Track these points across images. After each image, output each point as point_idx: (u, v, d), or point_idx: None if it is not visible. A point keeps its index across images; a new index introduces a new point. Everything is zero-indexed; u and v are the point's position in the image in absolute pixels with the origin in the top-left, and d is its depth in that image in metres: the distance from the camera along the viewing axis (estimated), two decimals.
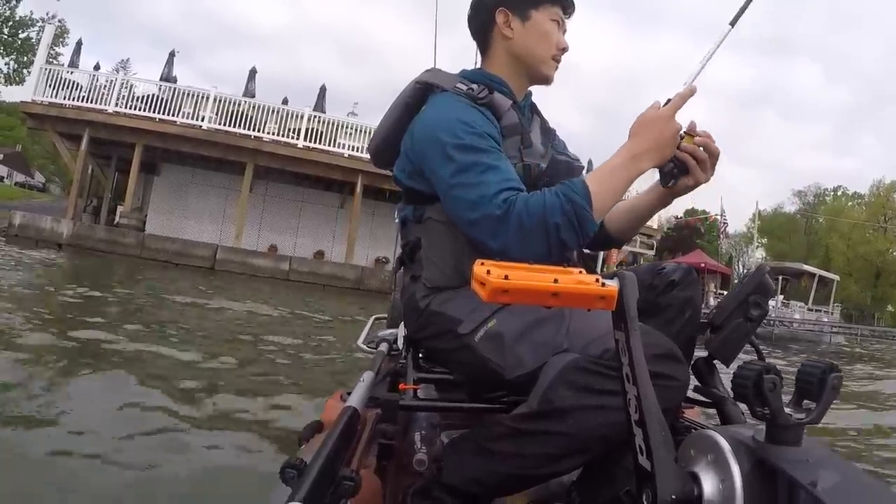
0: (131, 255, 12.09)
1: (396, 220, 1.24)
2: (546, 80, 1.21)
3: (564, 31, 1.20)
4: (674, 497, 0.61)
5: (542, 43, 1.16)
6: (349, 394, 0.98)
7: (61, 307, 5.06)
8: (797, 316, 18.34)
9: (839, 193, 45.11)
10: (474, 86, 1.11)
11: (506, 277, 0.56)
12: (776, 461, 0.56)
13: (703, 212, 34.70)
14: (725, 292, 21.43)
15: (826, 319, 19.83)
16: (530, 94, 1.25)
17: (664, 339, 0.86)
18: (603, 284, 0.60)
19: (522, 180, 1.05)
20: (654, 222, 18.00)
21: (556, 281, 0.58)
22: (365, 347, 1.60)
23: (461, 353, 1.04)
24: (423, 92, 1.16)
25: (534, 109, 1.27)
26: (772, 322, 15.15)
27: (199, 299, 6.91)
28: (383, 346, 1.45)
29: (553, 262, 0.91)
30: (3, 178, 42.68)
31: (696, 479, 0.62)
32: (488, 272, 0.57)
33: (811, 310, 20.13)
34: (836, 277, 22.62)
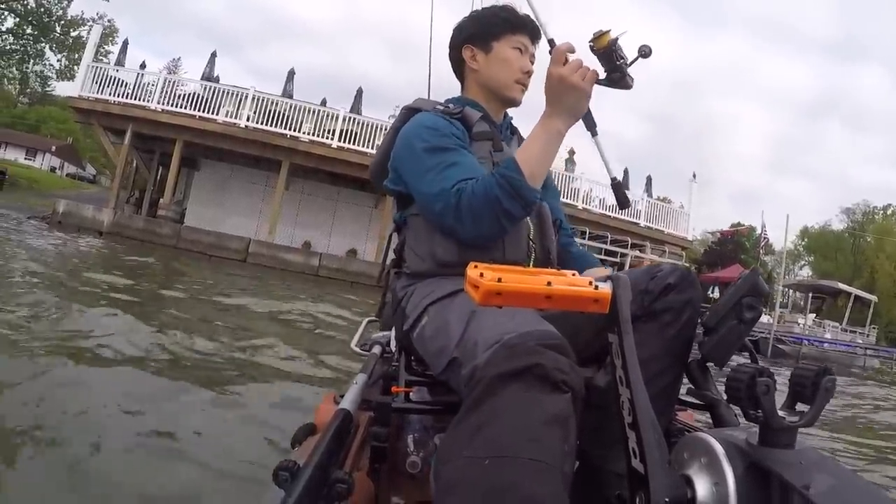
0: (167, 246, 12.45)
1: None
2: (513, 103, 1.34)
3: (531, 55, 1.32)
4: (667, 500, 0.60)
5: (504, 70, 1.29)
6: (342, 396, 0.99)
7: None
8: (828, 335, 17.54)
9: (889, 212, 43.33)
10: (450, 105, 1.27)
11: (499, 280, 0.56)
12: (770, 464, 0.55)
13: (748, 225, 33.74)
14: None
15: (860, 341, 18.88)
16: (510, 116, 1.39)
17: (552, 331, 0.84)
18: (596, 287, 0.60)
19: None
20: (689, 234, 17.58)
21: (549, 284, 0.58)
22: (358, 350, 1.58)
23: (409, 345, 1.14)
24: (410, 116, 1.28)
25: (514, 130, 1.41)
26: (800, 339, 14.54)
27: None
28: (376, 349, 1.44)
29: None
30: (55, 168, 44.55)
31: (689, 482, 0.62)
32: (481, 275, 0.57)
33: (845, 330, 19.32)
34: (874, 298, 21.59)
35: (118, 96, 13.64)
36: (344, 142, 13.53)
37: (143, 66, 14.88)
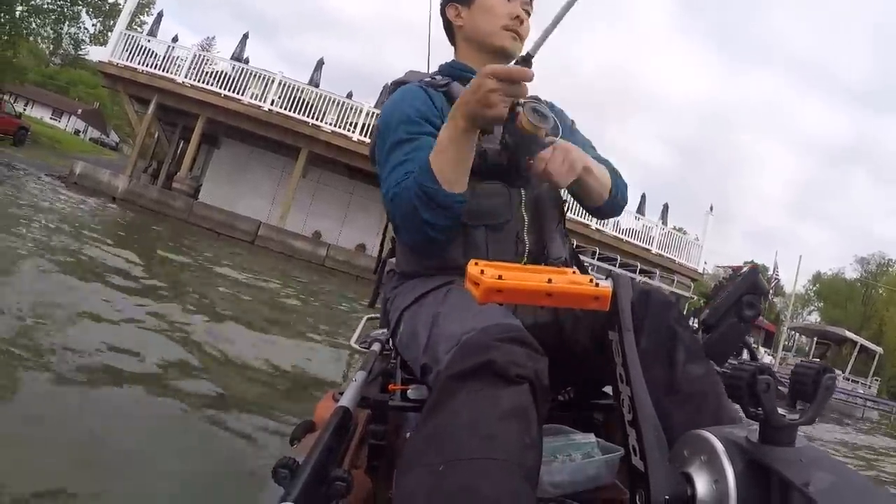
0: (179, 219, 12.55)
1: None
2: (505, 52, 1.21)
3: (523, 1, 1.20)
4: (667, 498, 0.60)
5: (488, 17, 1.20)
6: (341, 394, 0.98)
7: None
8: None
9: None
10: (438, 77, 1.20)
11: (500, 277, 0.57)
12: (770, 461, 0.55)
13: (760, 265, 33.44)
14: (766, 350, 20.59)
15: (861, 391, 18.74)
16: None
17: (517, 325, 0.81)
18: (597, 285, 0.60)
19: (479, 166, 1.04)
20: (700, 266, 17.47)
21: (549, 281, 0.58)
22: (357, 347, 1.57)
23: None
24: (396, 90, 1.22)
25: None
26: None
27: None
28: (376, 346, 1.44)
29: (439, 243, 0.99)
30: (79, 131, 45.00)
31: (689, 479, 0.62)
32: (482, 272, 0.58)
33: (847, 379, 19.15)
34: (880, 350, 21.43)
35: (147, 66, 13.78)
36: (365, 136, 13.56)
37: (175, 39, 15.03)
